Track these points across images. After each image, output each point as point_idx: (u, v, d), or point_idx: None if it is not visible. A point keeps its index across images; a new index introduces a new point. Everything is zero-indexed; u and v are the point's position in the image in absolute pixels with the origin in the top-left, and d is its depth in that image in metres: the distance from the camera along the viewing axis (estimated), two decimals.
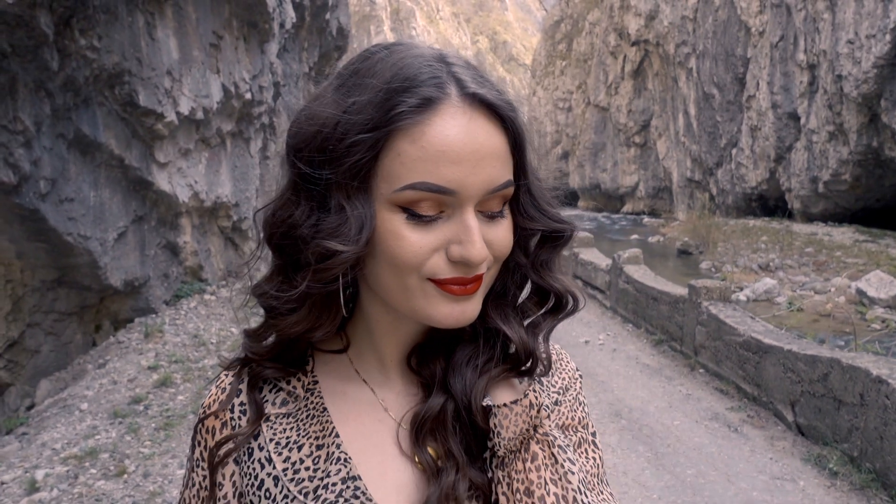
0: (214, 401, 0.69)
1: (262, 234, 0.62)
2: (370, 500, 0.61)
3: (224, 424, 0.67)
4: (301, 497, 0.61)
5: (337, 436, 0.64)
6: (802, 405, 3.97)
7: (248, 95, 8.70)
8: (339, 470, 0.62)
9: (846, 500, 3.28)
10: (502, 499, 0.60)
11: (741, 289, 13.35)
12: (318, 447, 0.64)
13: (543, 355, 0.65)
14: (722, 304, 5.20)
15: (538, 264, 0.65)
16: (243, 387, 0.68)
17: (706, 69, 23.66)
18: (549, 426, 0.61)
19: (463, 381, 0.63)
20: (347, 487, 0.61)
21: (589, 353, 5.99)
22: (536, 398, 0.61)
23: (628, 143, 32.35)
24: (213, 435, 0.67)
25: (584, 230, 10.52)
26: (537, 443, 0.60)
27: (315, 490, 0.62)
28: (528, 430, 0.60)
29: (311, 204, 0.58)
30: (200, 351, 6.02)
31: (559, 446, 0.61)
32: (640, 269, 7.07)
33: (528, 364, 0.64)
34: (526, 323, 0.65)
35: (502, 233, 0.59)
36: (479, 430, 0.62)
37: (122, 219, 6.91)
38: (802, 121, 18.36)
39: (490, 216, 0.58)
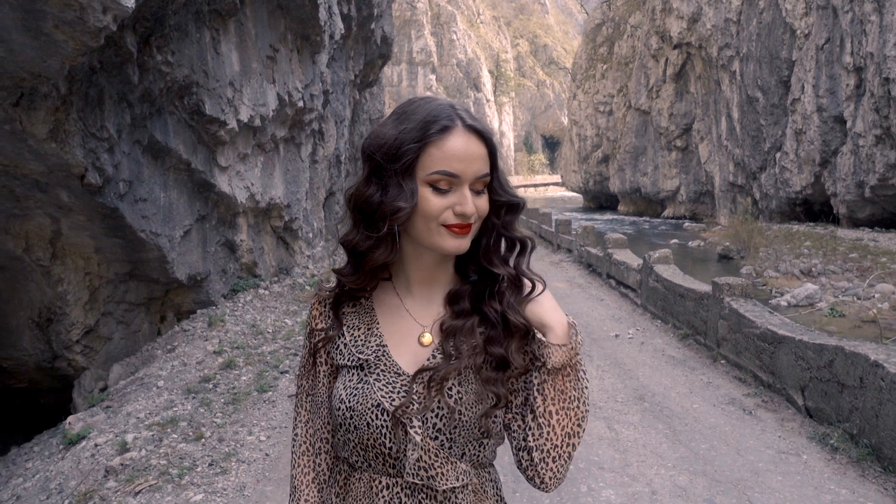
0: (323, 295, 1.17)
1: (348, 204, 1.07)
2: (389, 356, 1.07)
3: (321, 314, 1.16)
4: (355, 351, 1.09)
5: (378, 324, 1.11)
6: (811, 390, 4.26)
7: (301, 103, 9.26)
8: (376, 340, 1.10)
9: (843, 471, 3.58)
10: (539, 398, 1.02)
11: (782, 294, 13.32)
12: (367, 330, 1.11)
13: (536, 278, 1.06)
14: (743, 300, 5.49)
15: (505, 224, 1.08)
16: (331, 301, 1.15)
17: (750, 72, 23.41)
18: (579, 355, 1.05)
19: (495, 309, 1.06)
20: (378, 348, 1.09)
21: (618, 346, 6.32)
22: (574, 346, 1.03)
23: (669, 147, 32.09)
24: (315, 319, 1.17)
25: (621, 233, 10.76)
26: (571, 365, 1.03)
27: (362, 349, 1.09)
28: (570, 358, 1.02)
29: (379, 185, 1.01)
30: (258, 339, 6.54)
31: (582, 368, 1.05)
32: (670, 268, 7.36)
33: (524, 286, 1.06)
34: (511, 262, 1.09)
35: (482, 202, 1.03)
36: (497, 342, 1.05)
37: (187, 218, 7.51)
38: (849, 124, 18.08)
39: (476, 192, 1.02)
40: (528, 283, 1.05)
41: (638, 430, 4.20)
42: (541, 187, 75.68)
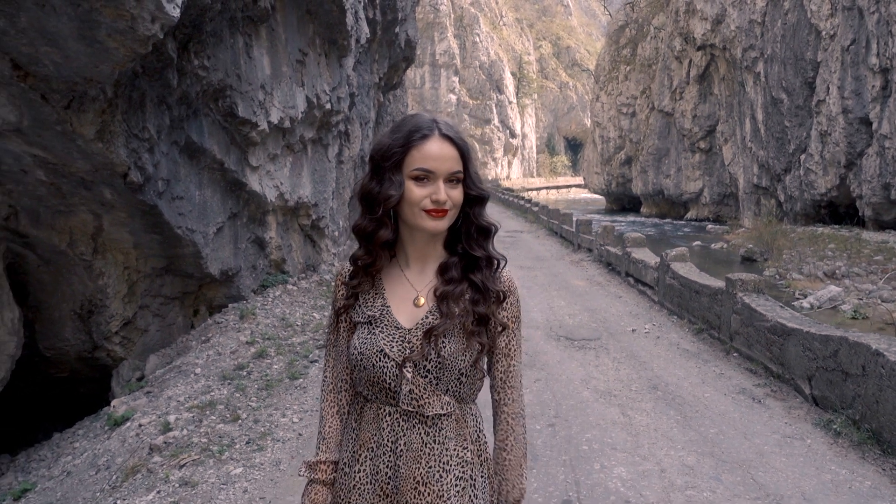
0: (343, 273, 1.50)
1: (357, 197, 1.39)
2: (391, 314, 1.39)
3: (343, 284, 1.47)
4: (365, 311, 1.41)
5: (384, 290, 1.43)
6: (817, 379, 4.43)
7: (328, 106, 9.57)
8: (381, 302, 1.41)
9: (844, 453, 3.75)
10: (501, 341, 1.42)
11: (805, 296, 13.28)
12: (375, 294, 1.42)
13: (498, 257, 1.43)
14: (755, 295, 5.65)
15: (475, 213, 1.40)
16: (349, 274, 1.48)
17: (774, 73, 23.26)
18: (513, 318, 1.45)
19: (488, 274, 1.41)
20: (382, 307, 1.40)
21: (634, 340, 6.50)
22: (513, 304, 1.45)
23: (693, 149, 31.92)
24: (338, 290, 1.50)
25: (642, 234, 10.90)
26: (514, 321, 1.44)
27: (370, 309, 1.41)
28: (515, 315, 1.44)
29: (377, 180, 1.33)
30: (288, 331, 6.83)
31: (517, 329, 1.46)
32: (686, 266, 7.52)
33: (494, 263, 1.42)
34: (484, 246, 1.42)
35: (456, 193, 1.33)
36: (483, 303, 1.38)
37: (220, 215, 7.84)
38: (874, 126, 17.91)
39: (451, 185, 1.32)
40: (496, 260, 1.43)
41: (650, 416, 4.39)
42: (563, 189, 75.46)
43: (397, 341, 1.35)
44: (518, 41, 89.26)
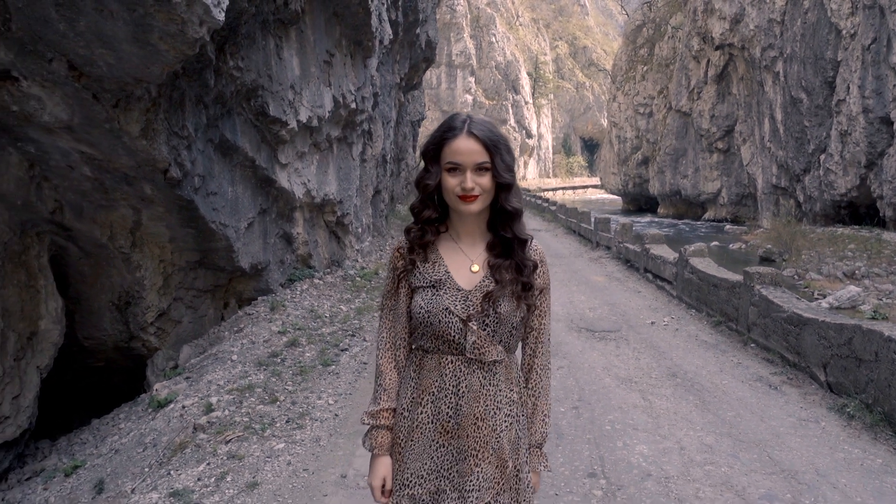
0: (402, 245, 1.74)
1: (415, 184, 1.69)
2: (452, 279, 1.65)
3: (401, 256, 1.72)
4: (429, 276, 1.67)
5: (442, 259, 1.68)
6: (832, 366, 4.60)
7: (353, 105, 9.83)
8: (443, 268, 1.67)
9: (857, 434, 3.93)
10: (537, 303, 1.72)
11: (824, 296, 13.30)
12: (435, 263, 1.68)
13: (525, 236, 1.69)
14: (772, 287, 5.82)
15: (503, 198, 1.63)
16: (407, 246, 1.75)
17: (794, 73, 23.17)
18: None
19: (521, 253, 1.67)
20: (445, 273, 1.66)
21: (654, 332, 6.68)
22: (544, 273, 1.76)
23: (711, 149, 31.83)
24: (396, 260, 1.73)
25: (659, 232, 11.05)
26: (546, 288, 1.74)
27: (434, 274, 1.66)
28: (547, 282, 1.75)
29: (424, 170, 1.64)
30: (317, 322, 7.09)
31: (547, 293, 1.76)
32: (704, 261, 7.71)
33: (527, 240, 1.69)
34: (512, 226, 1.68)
35: (485, 180, 1.58)
36: (525, 273, 1.66)
37: (251, 211, 8.12)
38: (895, 126, 17.85)
39: (479, 174, 1.57)
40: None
41: (670, 400, 4.59)
42: (579, 189, 75.32)
43: (460, 301, 1.63)
44: (534, 41, 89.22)
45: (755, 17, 26.02)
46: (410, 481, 1.67)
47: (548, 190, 58.10)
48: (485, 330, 1.62)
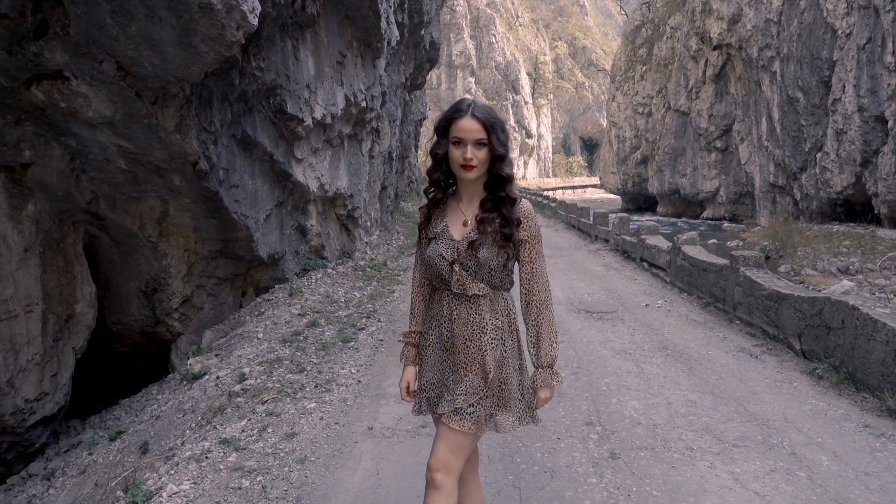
0: (423, 205, 2.22)
1: (430, 153, 2.11)
2: (448, 231, 2.10)
3: (422, 213, 2.20)
4: (434, 229, 2.14)
5: (445, 216, 2.14)
6: (806, 335, 5.11)
7: (363, 104, 10.32)
8: (443, 223, 2.13)
9: (824, 391, 4.45)
10: (524, 252, 2.14)
11: (818, 291, 13.75)
12: (439, 219, 2.14)
13: (515, 195, 2.09)
14: (755, 269, 6.36)
15: (498, 166, 2.03)
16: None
17: (790, 72, 23.63)
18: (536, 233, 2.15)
19: (510, 209, 2.07)
20: (443, 227, 2.11)
21: (648, 312, 7.20)
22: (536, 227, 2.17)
23: (709, 148, 32.30)
24: (421, 216, 2.21)
25: (655, 223, 11.54)
26: (532, 238, 2.11)
27: (437, 228, 2.13)
28: (534, 234, 2.12)
29: (437, 141, 2.06)
30: (334, 306, 7.58)
31: (536, 243, 2.14)
32: (696, 248, 8.25)
33: (514, 200, 2.08)
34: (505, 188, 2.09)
35: (482, 154, 1.99)
36: (508, 227, 2.06)
37: (269, 203, 8.60)
38: (890, 124, 18.27)
39: (477, 147, 1.98)
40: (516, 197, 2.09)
41: (660, 367, 5.09)
42: (579, 189, 75.76)
43: (450, 249, 2.06)
44: (534, 41, 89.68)
45: (752, 17, 26.50)
46: (425, 386, 2.18)
47: (547, 189, 58.46)
48: (466, 271, 2.03)
